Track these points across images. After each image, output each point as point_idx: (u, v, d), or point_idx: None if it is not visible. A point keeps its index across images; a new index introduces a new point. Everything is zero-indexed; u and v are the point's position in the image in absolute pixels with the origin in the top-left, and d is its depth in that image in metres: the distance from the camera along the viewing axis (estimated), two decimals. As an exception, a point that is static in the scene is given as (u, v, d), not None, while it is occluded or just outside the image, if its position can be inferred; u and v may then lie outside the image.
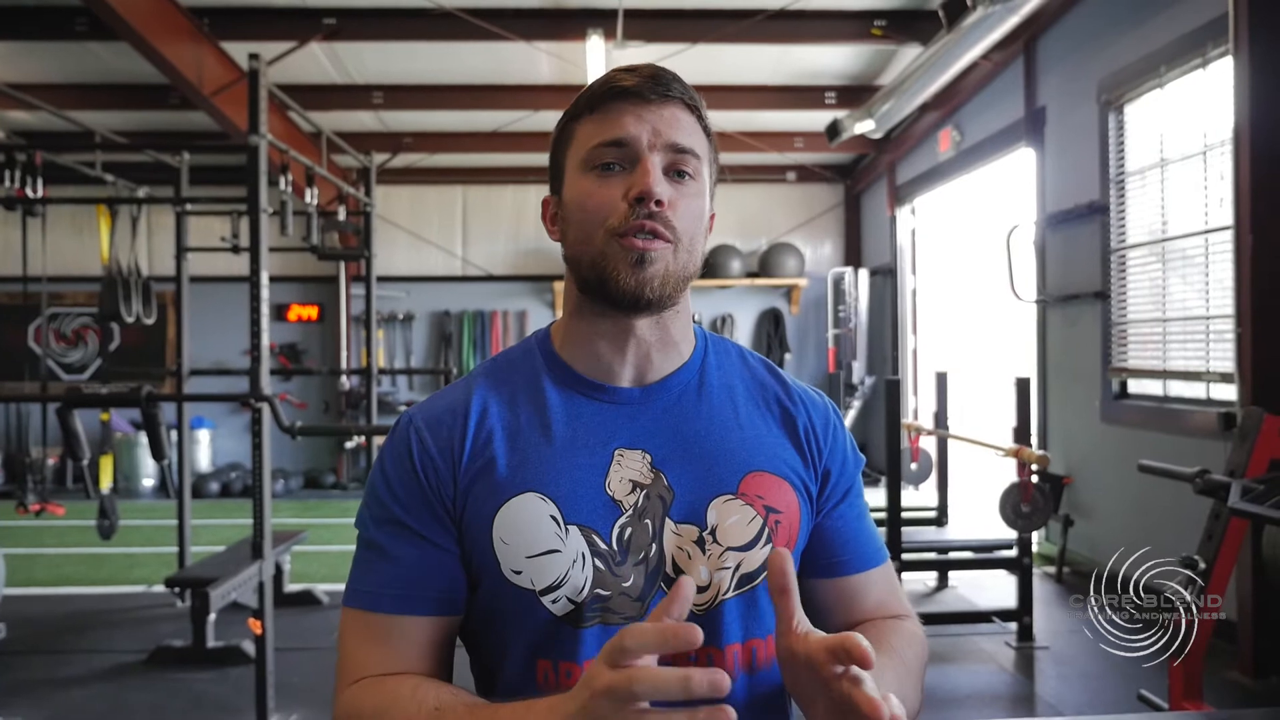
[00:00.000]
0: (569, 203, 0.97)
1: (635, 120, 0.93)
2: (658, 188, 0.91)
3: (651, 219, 0.91)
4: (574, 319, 1.00)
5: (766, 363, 1.08)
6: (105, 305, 4.85)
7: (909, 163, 8.03)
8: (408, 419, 0.98)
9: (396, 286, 9.38)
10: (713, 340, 1.07)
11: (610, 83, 0.95)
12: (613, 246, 0.92)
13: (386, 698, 0.87)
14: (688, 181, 0.95)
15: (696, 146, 0.95)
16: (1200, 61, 4.17)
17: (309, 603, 4.89)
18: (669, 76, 0.96)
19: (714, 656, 0.93)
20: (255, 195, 3.44)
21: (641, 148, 0.93)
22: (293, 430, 3.51)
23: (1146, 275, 4.78)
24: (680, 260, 0.94)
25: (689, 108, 0.96)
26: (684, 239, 0.94)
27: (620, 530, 0.93)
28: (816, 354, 9.54)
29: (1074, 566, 5.23)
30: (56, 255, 6.63)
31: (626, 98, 0.94)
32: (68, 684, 3.81)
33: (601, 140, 0.94)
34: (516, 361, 1.03)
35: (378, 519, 0.96)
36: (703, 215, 0.97)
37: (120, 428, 8.81)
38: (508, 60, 6.48)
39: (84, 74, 6.64)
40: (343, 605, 0.96)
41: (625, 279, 0.91)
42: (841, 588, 1.03)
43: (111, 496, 4.74)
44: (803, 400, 1.05)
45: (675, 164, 0.94)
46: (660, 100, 0.94)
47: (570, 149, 0.98)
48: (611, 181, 0.93)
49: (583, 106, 0.97)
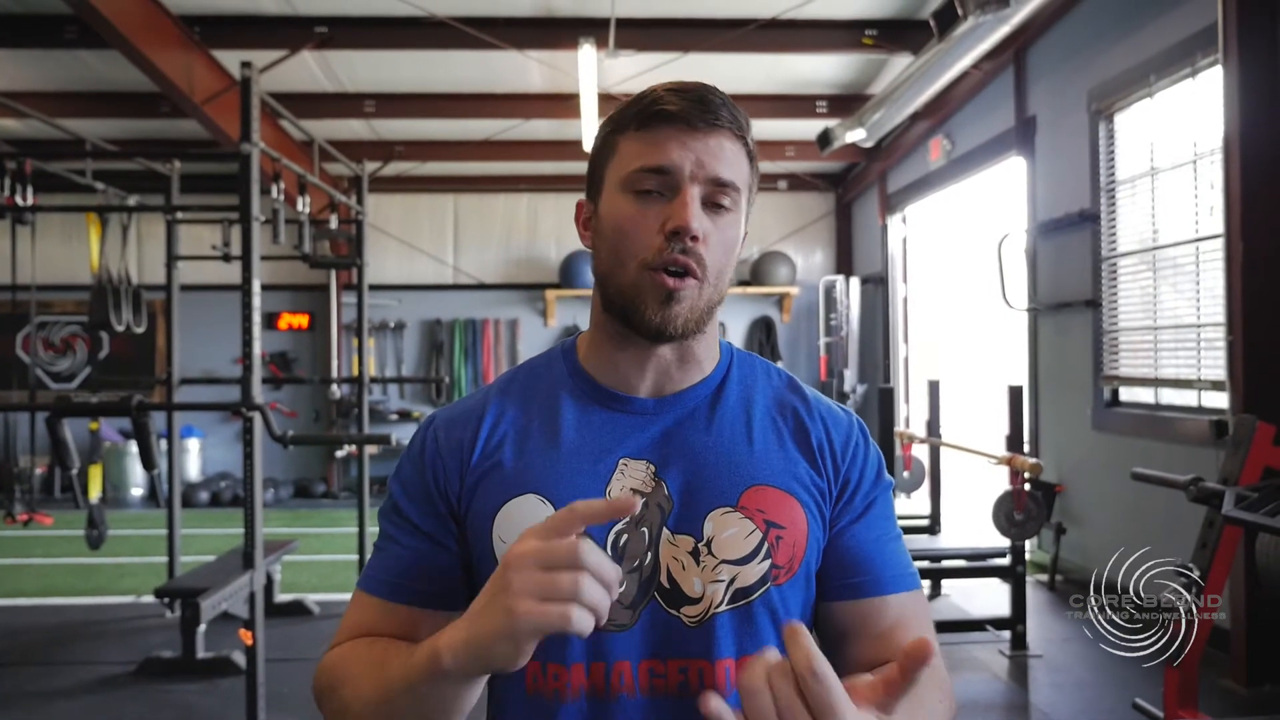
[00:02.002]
0: (605, 219, 0.96)
1: (680, 148, 0.92)
2: (695, 223, 0.90)
3: (685, 254, 0.91)
4: (598, 333, 1.01)
5: (791, 379, 1.07)
6: (95, 314, 4.83)
7: (900, 171, 8.05)
8: (430, 419, 1.03)
9: (388, 295, 9.35)
10: (739, 356, 1.06)
11: (658, 103, 0.93)
12: (645, 280, 0.92)
13: (347, 650, 0.93)
14: (724, 214, 0.94)
15: (738, 179, 0.94)
16: (1190, 71, 4.19)
17: (300, 613, 4.85)
18: (717, 102, 0.94)
19: (705, 671, 0.91)
20: (247, 203, 3.43)
21: (683, 178, 0.91)
22: (285, 439, 3.50)
23: (1137, 283, 4.80)
24: (706, 295, 0.94)
25: (736, 136, 0.95)
26: (712, 274, 0.93)
27: (616, 537, 0.93)
28: (808, 362, 9.54)
29: (1066, 574, 5.23)
30: (46, 263, 6.58)
31: (673, 122, 0.92)
32: (55, 696, 3.77)
33: (644, 165, 0.92)
34: (539, 370, 1.05)
35: (390, 510, 1.00)
36: (735, 245, 0.96)
37: (109, 437, 8.76)
38: (499, 69, 6.48)
39: (74, 82, 6.61)
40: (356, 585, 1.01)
41: (652, 315, 0.92)
42: (859, 611, 0.96)
43: (100, 506, 4.71)
44: (823, 417, 1.02)
45: (714, 196, 0.93)
46: (707, 129, 0.92)
47: (612, 164, 0.96)
48: (650, 209, 0.92)
49: (628, 121, 0.95)
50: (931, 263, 8.38)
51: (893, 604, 0.96)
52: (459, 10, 5.52)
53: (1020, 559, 4.14)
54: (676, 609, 0.92)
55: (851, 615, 0.97)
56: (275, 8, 5.58)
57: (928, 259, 8.37)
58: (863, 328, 8.80)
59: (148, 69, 5.27)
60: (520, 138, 7.92)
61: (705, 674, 0.91)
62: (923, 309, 8.39)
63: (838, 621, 0.97)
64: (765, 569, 0.93)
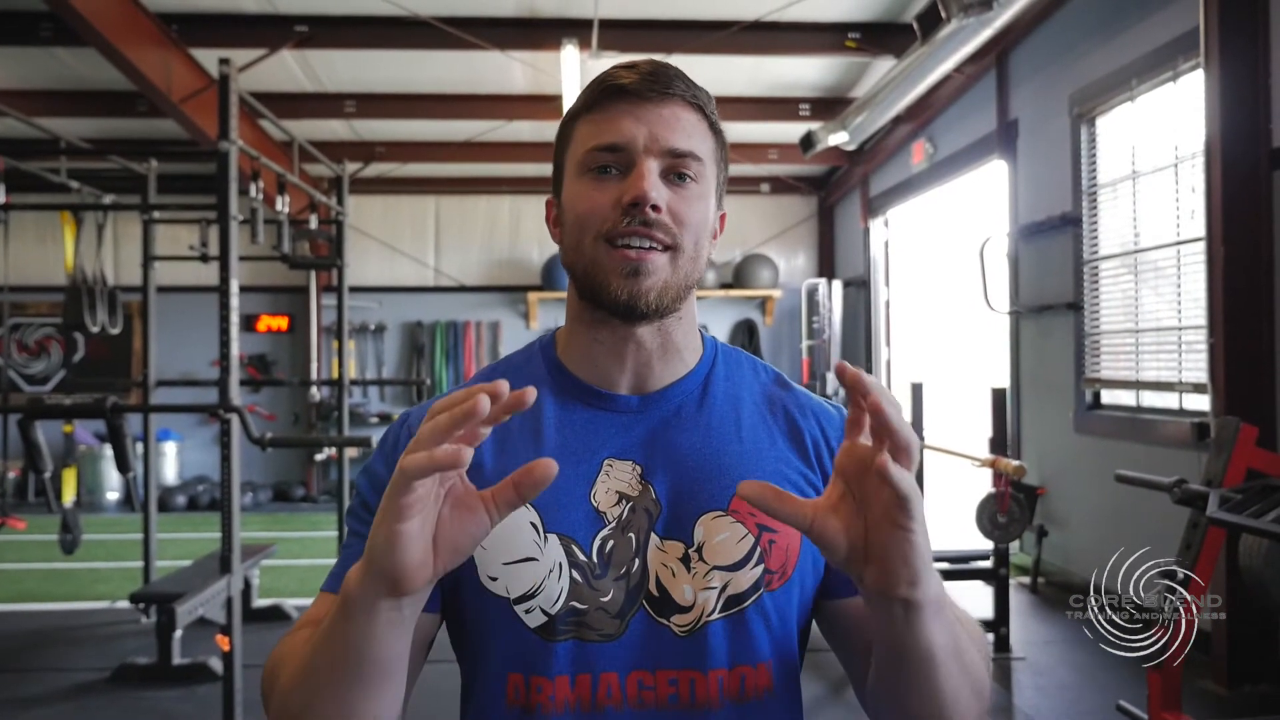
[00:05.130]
0: (566, 207, 0.93)
1: (632, 122, 0.89)
2: (653, 192, 0.86)
3: (647, 225, 0.87)
4: (575, 324, 0.96)
5: (779, 375, 1.03)
6: (69, 315, 4.76)
7: (882, 175, 8.07)
8: (403, 417, 0.97)
9: (368, 297, 9.29)
10: (724, 351, 1.02)
11: (608, 80, 0.91)
12: (601, 253, 0.88)
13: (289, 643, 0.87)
14: (689, 184, 0.90)
15: (698, 148, 0.90)
16: (1171, 74, 4.22)
17: (278, 618, 4.80)
18: (671, 73, 0.91)
19: (696, 682, 0.87)
20: (225, 202, 3.39)
21: (637, 151, 0.88)
22: (263, 441, 3.45)
23: (1119, 286, 4.82)
24: (681, 270, 0.90)
25: (691, 105, 0.92)
26: (685, 246, 0.89)
27: (601, 542, 0.89)
28: (790, 365, 9.54)
29: (1048, 577, 5.24)
30: (19, 264, 6.50)
31: (624, 97, 0.90)
32: (28, 704, 3.71)
33: (596, 144, 0.89)
34: (518, 366, 1.00)
35: (359, 509, 0.95)
36: (706, 219, 0.92)
37: (84, 440, 8.66)
38: (482, 70, 6.45)
39: (49, 80, 6.53)
40: None
41: (618, 290, 0.87)
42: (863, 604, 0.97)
43: (74, 510, 4.64)
44: (815, 413, 0.99)
45: (675, 167, 0.89)
46: (659, 99, 0.90)
47: (569, 150, 0.94)
48: (606, 186, 0.89)
49: (581, 106, 0.93)
50: (914, 266, 8.41)
51: None
52: (441, 10, 5.48)
53: (1003, 561, 4.15)
54: (666, 618, 0.88)
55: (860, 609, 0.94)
56: (255, 6, 5.52)
57: (910, 262, 8.40)
58: (845, 331, 8.82)
59: (125, 67, 5.20)
60: (502, 139, 7.89)
61: (697, 684, 0.87)
62: (905, 312, 8.41)
63: (846, 617, 0.95)
64: (758, 574, 0.89)
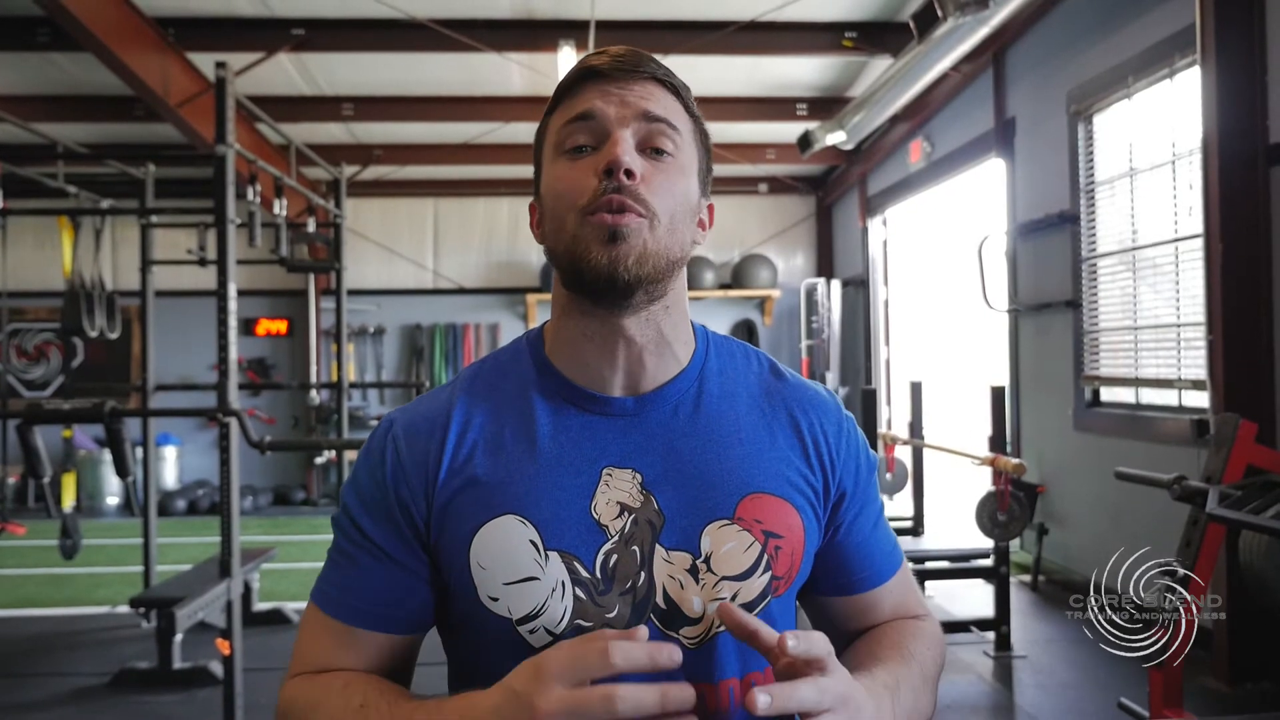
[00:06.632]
0: (545, 193, 0.91)
1: (603, 96, 0.88)
2: (626, 157, 0.84)
3: (620, 192, 0.84)
4: (562, 319, 0.93)
5: (773, 363, 1.01)
6: (68, 320, 4.75)
7: (880, 174, 8.07)
8: (387, 424, 0.93)
9: (367, 300, 9.29)
10: (715, 341, 0.99)
11: (579, 66, 0.90)
12: (584, 227, 0.85)
13: (319, 692, 0.87)
14: (666, 159, 0.88)
15: (674, 119, 0.89)
16: (1168, 72, 4.21)
17: (278, 622, 4.79)
18: (643, 56, 0.90)
19: (706, 694, 0.86)
20: (223, 206, 3.39)
21: (610, 122, 0.87)
22: (262, 445, 3.45)
23: (1117, 284, 4.82)
24: (660, 239, 0.86)
25: (665, 85, 0.90)
26: (662, 216, 0.86)
27: (605, 557, 0.86)
28: (790, 364, 9.45)
29: (1049, 575, 5.24)
30: (18, 269, 6.49)
31: (596, 79, 0.89)
32: (28, 709, 3.70)
33: (569, 118, 0.88)
34: (505, 366, 0.96)
35: (348, 526, 0.91)
36: (687, 196, 0.89)
37: (83, 445, 8.65)
38: (479, 72, 6.45)
39: (46, 85, 6.52)
40: (310, 596, 0.93)
41: (597, 257, 0.83)
42: (857, 603, 0.99)
43: (74, 515, 4.64)
44: (812, 404, 0.97)
45: (651, 138, 0.87)
46: (630, 77, 0.89)
47: (545, 143, 0.93)
48: (583, 162, 0.87)
49: (554, 100, 0.92)
50: (912, 265, 8.41)
51: (890, 588, 1.00)
52: (438, 12, 5.48)
53: (1004, 560, 4.14)
54: (675, 630, 0.86)
55: (851, 608, 0.99)
56: (251, 9, 5.52)
57: (908, 261, 8.39)
58: (844, 330, 8.82)
59: (121, 72, 5.20)
60: (500, 141, 7.88)
61: (707, 696, 0.86)
62: (904, 311, 8.41)
63: (834, 613, 0.99)
64: (766, 582, 0.88)
